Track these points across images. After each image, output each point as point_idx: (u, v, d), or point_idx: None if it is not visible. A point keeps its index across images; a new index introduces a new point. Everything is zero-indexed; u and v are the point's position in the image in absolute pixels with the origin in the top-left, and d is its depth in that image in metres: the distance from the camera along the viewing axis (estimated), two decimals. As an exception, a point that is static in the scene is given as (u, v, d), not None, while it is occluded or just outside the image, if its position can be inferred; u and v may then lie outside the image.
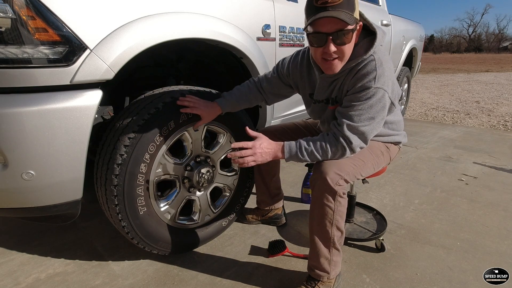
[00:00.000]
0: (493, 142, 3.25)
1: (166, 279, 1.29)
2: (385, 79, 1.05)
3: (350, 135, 1.06)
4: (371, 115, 1.06)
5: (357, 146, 1.08)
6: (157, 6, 1.13)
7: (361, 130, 1.06)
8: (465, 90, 7.40)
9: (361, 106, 1.05)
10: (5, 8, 0.83)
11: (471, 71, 13.33)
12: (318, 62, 1.09)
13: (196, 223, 1.44)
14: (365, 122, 1.06)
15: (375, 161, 1.24)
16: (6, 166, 0.94)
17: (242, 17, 1.47)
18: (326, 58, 1.04)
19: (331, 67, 1.05)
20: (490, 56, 31.27)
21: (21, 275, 1.31)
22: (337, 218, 1.12)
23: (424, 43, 4.53)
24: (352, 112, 1.06)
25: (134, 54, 1.07)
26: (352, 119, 1.06)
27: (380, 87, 1.04)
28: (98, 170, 1.17)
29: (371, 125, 1.07)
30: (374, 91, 1.04)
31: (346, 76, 1.11)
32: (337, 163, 1.10)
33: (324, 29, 0.97)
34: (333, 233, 1.14)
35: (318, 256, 1.17)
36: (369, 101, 1.05)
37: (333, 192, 1.07)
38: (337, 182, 1.07)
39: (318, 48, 1.03)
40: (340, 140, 1.07)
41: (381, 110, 1.07)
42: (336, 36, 0.98)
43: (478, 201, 1.96)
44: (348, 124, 1.06)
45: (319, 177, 1.08)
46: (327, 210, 1.10)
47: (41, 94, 0.93)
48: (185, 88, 1.30)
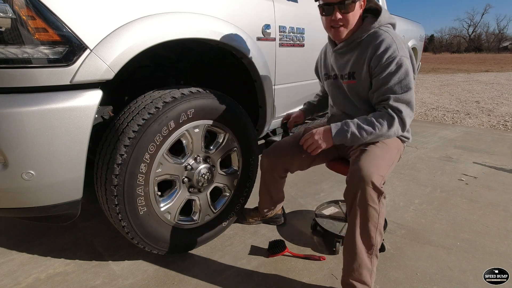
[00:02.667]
0: (493, 142, 3.24)
1: (166, 279, 1.29)
2: (404, 50, 1.16)
3: (398, 105, 1.12)
4: (408, 82, 1.13)
5: (407, 116, 1.13)
6: (157, 6, 1.13)
7: (406, 98, 1.12)
8: (465, 90, 7.40)
9: (398, 76, 1.12)
10: (5, 8, 0.83)
11: (471, 71, 13.33)
12: (328, 31, 1.24)
13: (196, 223, 1.44)
14: (406, 89, 1.12)
15: (396, 159, 1.27)
16: (6, 166, 0.94)
17: (242, 17, 1.47)
18: (334, 26, 1.19)
19: (338, 33, 1.20)
20: (490, 56, 31.26)
21: (21, 275, 1.31)
22: (381, 222, 1.09)
23: (424, 43, 4.53)
24: (391, 85, 1.13)
25: (134, 54, 1.07)
26: (394, 91, 1.13)
27: (404, 55, 1.14)
28: (98, 170, 1.17)
29: (411, 92, 1.13)
30: (402, 60, 1.13)
31: (362, 51, 1.20)
32: (375, 164, 1.10)
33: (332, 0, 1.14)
34: (376, 239, 1.10)
35: (360, 268, 1.10)
36: (402, 69, 1.12)
37: (380, 192, 1.06)
38: (381, 183, 1.07)
39: (327, 17, 1.19)
40: (389, 111, 1.12)
41: (412, 77, 1.14)
42: (342, 6, 1.14)
43: (478, 201, 1.96)
44: (394, 97, 1.12)
45: (362, 180, 1.05)
46: (373, 213, 1.07)
47: (41, 94, 0.93)
48: (185, 88, 1.30)
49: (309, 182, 2.21)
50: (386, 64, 1.13)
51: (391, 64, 1.12)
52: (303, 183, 2.19)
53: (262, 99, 1.69)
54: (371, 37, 1.19)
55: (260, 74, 1.59)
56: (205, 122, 1.33)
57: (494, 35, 60.87)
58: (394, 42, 1.15)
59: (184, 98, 1.23)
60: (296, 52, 1.84)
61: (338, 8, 1.15)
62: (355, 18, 1.19)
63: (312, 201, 1.95)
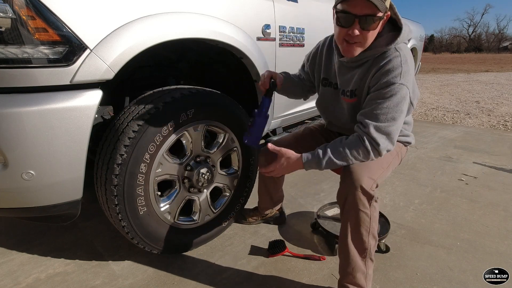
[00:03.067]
0: (493, 142, 3.24)
1: (166, 279, 1.29)
2: (409, 77, 1.03)
3: (377, 137, 1.01)
4: (397, 113, 1.02)
5: (384, 149, 1.04)
6: (157, 6, 1.13)
7: (388, 130, 1.02)
8: (465, 90, 7.40)
9: (387, 104, 1.01)
10: (5, 8, 0.83)
11: (471, 71, 13.33)
12: (339, 43, 1.09)
13: (196, 223, 1.44)
14: (391, 121, 1.02)
15: (394, 162, 1.22)
16: (6, 166, 0.94)
17: (242, 17, 1.47)
18: (348, 40, 1.04)
19: (350, 50, 1.05)
20: (490, 56, 31.25)
21: (21, 275, 1.31)
22: (373, 225, 1.07)
23: (424, 43, 4.53)
24: (378, 111, 1.02)
25: (134, 54, 1.07)
26: (378, 119, 1.02)
27: (405, 84, 1.02)
28: (98, 170, 1.17)
29: (396, 125, 1.03)
30: (399, 88, 1.01)
31: (369, 68, 1.09)
32: (367, 167, 1.06)
33: (354, 10, 0.97)
34: (369, 243, 1.08)
35: (354, 271, 1.10)
36: (394, 98, 1.01)
37: (370, 197, 1.03)
38: (372, 187, 1.04)
39: (342, 29, 1.03)
40: (365, 143, 1.02)
41: (404, 108, 1.04)
42: (364, 20, 0.98)
43: (478, 201, 1.96)
44: (374, 125, 1.01)
45: (351, 185, 1.03)
46: (364, 217, 1.05)
47: (41, 94, 0.93)
48: (185, 88, 1.30)
49: (309, 182, 2.21)
50: (382, 86, 1.03)
51: (386, 88, 1.02)
52: (303, 183, 2.19)
53: (262, 99, 1.69)
54: (381, 56, 1.07)
55: (260, 74, 1.59)
56: (205, 122, 1.33)
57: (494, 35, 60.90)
58: (401, 67, 1.03)
59: (184, 98, 1.23)
60: (296, 52, 1.84)
61: (358, 22, 0.98)
62: (374, 35, 1.04)
63: (312, 201, 1.95)
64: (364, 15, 0.97)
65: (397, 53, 1.05)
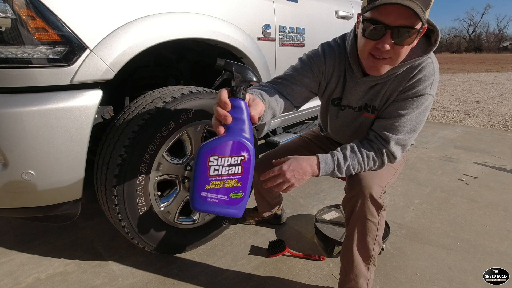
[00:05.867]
0: (493, 142, 3.24)
1: (166, 279, 1.29)
2: (435, 86, 0.95)
3: (395, 150, 0.97)
4: (418, 124, 0.96)
5: (398, 160, 1.01)
6: (157, 6, 1.13)
7: (406, 142, 0.98)
8: (465, 90, 7.40)
9: (410, 116, 0.94)
10: (5, 8, 0.83)
11: (471, 71, 13.33)
12: (363, 58, 0.91)
13: (196, 223, 1.44)
14: (410, 133, 0.96)
15: (401, 166, 1.20)
16: (6, 166, 0.94)
17: (242, 17, 1.47)
18: (375, 56, 0.86)
19: (377, 67, 0.88)
20: (490, 56, 31.25)
21: (21, 275, 1.31)
22: (380, 234, 1.04)
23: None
24: (400, 124, 0.95)
25: (134, 54, 1.07)
26: (399, 132, 0.95)
27: (432, 94, 0.94)
28: (98, 170, 1.17)
29: (414, 136, 0.98)
30: (426, 98, 0.93)
31: (395, 80, 0.96)
32: (377, 175, 1.02)
33: (388, 19, 0.79)
34: (374, 250, 1.06)
35: (357, 277, 1.08)
36: (419, 109, 0.94)
37: (379, 206, 0.99)
38: (380, 195, 1.00)
39: (370, 41, 0.84)
40: (383, 155, 0.98)
41: (425, 118, 0.98)
42: (398, 33, 0.80)
43: (478, 201, 1.96)
44: (396, 139, 0.95)
45: (361, 193, 0.98)
46: (371, 226, 1.01)
47: (41, 94, 0.93)
48: (185, 88, 1.30)
49: (309, 182, 2.21)
50: (411, 97, 0.94)
51: (415, 99, 0.93)
52: (303, 183, 2.19)
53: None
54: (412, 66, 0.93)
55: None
56: (205, 122, 1.33)
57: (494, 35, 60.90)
58: (434, 75, 0.93)
59: (184, 98, 1.23)
60: (296, 52, 1.84)
61: (391, 35, 0.80)
62: (407, 51, 0.86)
63: (312, 201, 1.95)
64: (399, 26, 0.79)
65: (429, 59, 0.93)
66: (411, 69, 0.94)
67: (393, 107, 0.98)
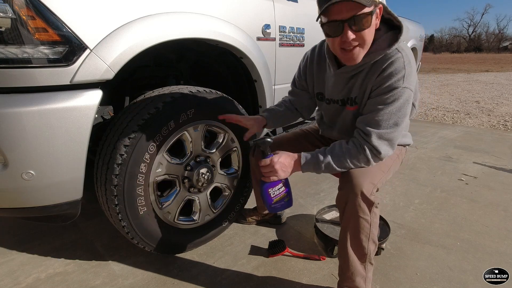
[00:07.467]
0: (493, 142, 3.24)
1: (166, 279, 1.29)
2: (412, 79, 0.99)
3: (378, 144, 0.99)
4: (400, 118, 0.98)
5: (385, 155, 1.02)
6: (157, 6, 1.13)
7: (390, 136, 0.99)
8: (465, 90, 7.40)
9: (389, 109, 0.97)
10: (5, 8, 0.83)
11: (471, 71, 13.33)
12: (338, 54, 1.01)
13: (196, 223, 1.44)
14: (393, 127, 0.98)
15: (395, 165, 1.20)
16: (6, 166, 0.94)
17: (242, 17, 1.47)
18: (346, 48, 0.96)
19: (353, 56, 0.97)
20: (490, 56, 31.24)
21: (21, 275, 1.31)
22: (373, 231, 1.05)
23: (424, 43, 4.53)
24: (379, 118, 0.98)
25: (134, 54, 1.07)
26: (380, 126, 0.98)
27: (408, 87, 0.97)
28: (98, 170, 1.17)
29: (398, 130, 1.00)
30: (402, 92, 0.97)
31: (368, 72, 1.03)
32: (368, 172, 1.03)
33: (339, 16, 0.89)
34: (369, 248, 1.07)
35: (353, 276, 1.09)
36: (397, 103, 0.97)
37: (370, 203, 1.00)
38: (372, 192, 1.01)
39: (335, 38, 0.95)
40: (366, 152, 1.00)
41: (408, 112, 1.00)
42: (353, 22, 0.90)
43: (478, 201, 1.96)
44: (377, 133, 0.98)
45: (351, 191, 1.00)
46: (364, 224, 1.02)
47: (41, 94, 0.93)
48: (185, 88, 1.30)
49: (309, 182, 2.21)
50: (384, 91, 0.98)
51: (389, 93, 0.97)
52: (303, 183, 2.19)
53: (262, 99, 1.69)
54: (382, 58, 1.01)
55: (260, 74, 1.59)
56: (205, 122, 1.33)
57: (494, 35, 60.87)
58: (404, 69, 0.97)
59: (184, 98, 1.23)
60: (296, 52, 1.84)
61: (348, 26, 0.91)
62: (372, 33, 0.96)
63: (312, 201, 1.95)
64: (351, 17, 0.89)
65: (399, 54, 0.99)
66: (382, 61, 1.00)
67: (371, 103, 1.03)
